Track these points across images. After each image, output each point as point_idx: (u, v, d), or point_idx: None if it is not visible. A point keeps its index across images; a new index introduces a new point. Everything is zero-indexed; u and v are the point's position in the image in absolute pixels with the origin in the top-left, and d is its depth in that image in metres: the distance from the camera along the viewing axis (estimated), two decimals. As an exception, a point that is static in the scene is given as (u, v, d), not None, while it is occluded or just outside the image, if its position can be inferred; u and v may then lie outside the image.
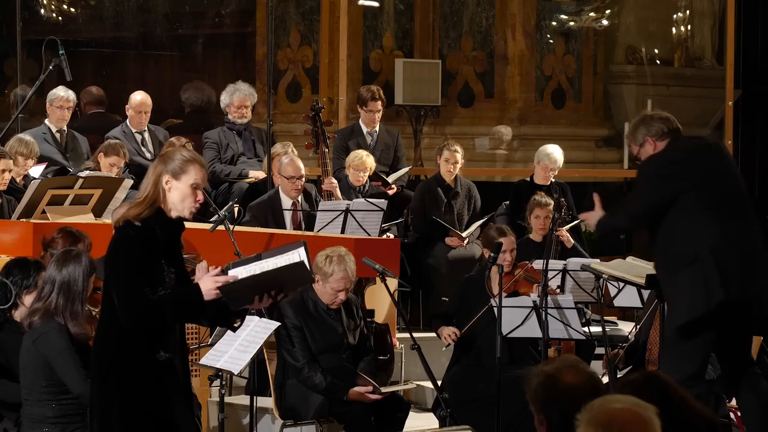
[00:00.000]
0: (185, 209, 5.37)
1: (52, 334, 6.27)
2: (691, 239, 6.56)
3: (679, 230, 6.60)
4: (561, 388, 3.95)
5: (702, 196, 6.61)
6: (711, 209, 6.60)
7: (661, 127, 6.80)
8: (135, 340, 5.27)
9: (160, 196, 5.35)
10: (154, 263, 5.27)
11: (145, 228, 5.28)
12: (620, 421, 3.58)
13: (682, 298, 6.60)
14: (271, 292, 5.34)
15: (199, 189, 5.38)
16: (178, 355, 5.39)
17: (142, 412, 5.28)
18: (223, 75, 12.27)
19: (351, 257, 7.55)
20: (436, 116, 12.87)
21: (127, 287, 5.22)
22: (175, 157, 5.39)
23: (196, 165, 5.38)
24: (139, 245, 5.25)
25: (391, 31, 12.96)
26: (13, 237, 8.54)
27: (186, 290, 5.32)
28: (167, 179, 5.34)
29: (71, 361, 6.24)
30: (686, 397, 4.04)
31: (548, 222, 9.63)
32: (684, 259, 6.58)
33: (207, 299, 5.24)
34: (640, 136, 6.83)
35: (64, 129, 10.45)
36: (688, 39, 14.26)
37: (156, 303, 5.22)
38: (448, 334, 8.03)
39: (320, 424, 7.52)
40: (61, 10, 12.40)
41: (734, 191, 6.75)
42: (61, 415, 6.28)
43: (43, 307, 6.32)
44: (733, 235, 6.60)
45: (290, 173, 9.44)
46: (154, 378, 5.28)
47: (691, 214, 6.59)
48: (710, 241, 6.55)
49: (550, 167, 10.65)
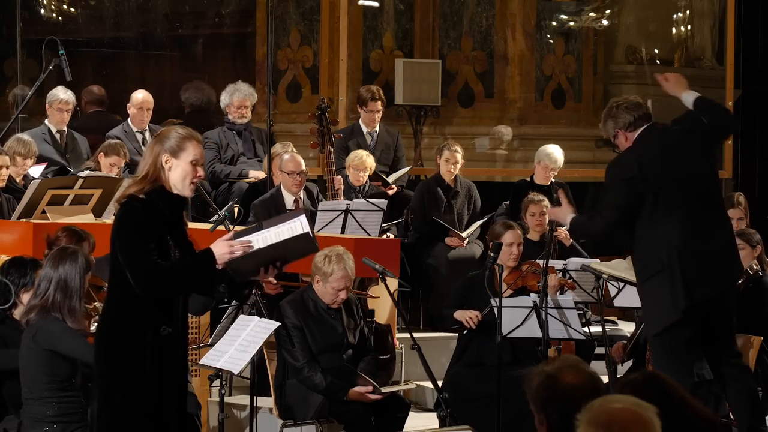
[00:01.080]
0: (186, 187, 5.38)
1: (49, 323, 6.29)
2: (656, 245, 6.59)
3: (647, 236, 6.63)
4: (561, 388, 3.95)
5: (665, 197, 6.62)
6: (675, 209, 6.62)
7: (629, 117, 6.80)
8: (141, 314, 5.29)
9: (161, 175, 5.35)
10: (159, 237, 5.29)
11: (149, 201, 5.30)
12: (620, 421, 3.58)
13: (653, 307, 6.65)
14: (276, 263, 5.38)
15: (199, 165, 5.39)
16: (178, 331, 5.41)
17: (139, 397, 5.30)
18: (223, 75, 12.26)
19: (350, 256, 7.55)
20: (436, 116, 12.87)
21: (139, 256, 5.23)
22: (171, 135, 5.39)
23: (193, 141, 5.39)
24: (146, 217, 5.26)
25: (391, 31, 12.96)
26: (13, 237, 8.54)
27: (198, 254, 5.34)
28: (166, 158, 5.35)
29: (74, 336, 6.27)
30: (686, 396, 4.04)
31: (544, 219, 9.65)
32: (653, 267, 6.62)
33: (220, 263, 5.26)
34: (611, 130, 6.84)
35: (64, 129, 10.45)
36: (688, 39, 14.26)
37: (170, 269, 5.24)
38: (470, 317, 7.88)
39: (320, 424, 7.52)
40: (61, 10, 12.40)
41: (700, 186, 6.73)
42: (62, 414, 6.29)
43: (39, 303, 6.34)
44: (697, 234, 6.60)
45: (291, 168, 9.47)
46: (155, 353, 5.30)
47: (656, 218, 6.62)
48: (674, 243, 6.56)
49: (551, 167, 10.66)
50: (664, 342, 6.65)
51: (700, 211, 6.67)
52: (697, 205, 6.67)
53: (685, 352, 6.64)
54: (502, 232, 8.10)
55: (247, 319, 7.08)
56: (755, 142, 13.82)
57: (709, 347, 6.78)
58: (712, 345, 6.78)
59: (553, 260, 8.58)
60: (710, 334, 6.74)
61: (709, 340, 6.75)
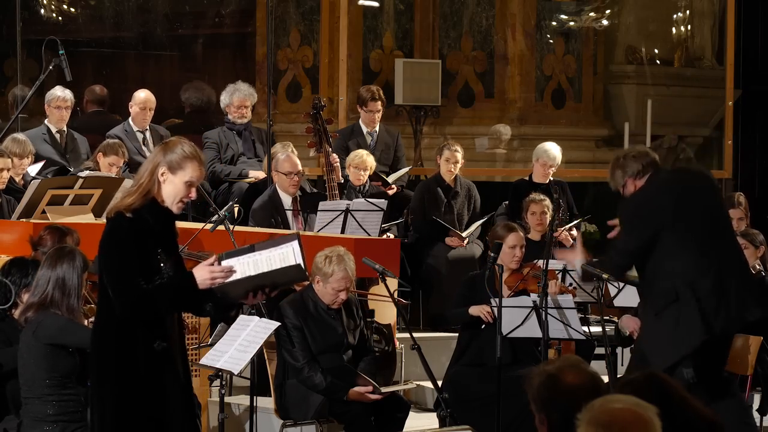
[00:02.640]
0: (173, 204, 5.35)
1: (49, 318, 6.29)
2: (671, 275, 6.62)
3: (660, 269, 6.66)
4: (563, 387, 3.95)
5: (679, 232, 6.65)
6: (691, 243, 6.64)
7: (636, 166, 6.85)
8: (132, 330, 5.25)
9: (155, 187, 5.32)
10: (148, 253, 5.26)
11: (137, 219, 5.26)
12: (620, 421, 3.58)
13: (663, 338, 6.64)
14: (264, 289, 5.35)
15: (193, 186, 5.36)
16: (176, 345, 5.38)
17: (137, 405, 5.27)
18: (223, 75, 12.26)
19: (350, 256, 7.55)
20: (436, 116, 12.87)
21: (121, 278, 5.22)
22: (176, 150, 5.35)
23: (194, 162, 5.34)
24: (131, 236, 5.23)
25: (391, 31, 12.96)
26: (13, 237, 8.54)
27: (180, 278, 5.31)
28: (163, 171, 5.32)
29: (77, 325, 6.28)
30: (687, 397, 4.03)
31: (545, 218, 9.65)
32: (666, 298, 6.64)
33: (201, 288, 5.24)
34: (620, 179, 6.89)
35: (64, 129, 10.45)
36: (688, 39, 14.26)
37: (150, 292, 5.21)
38: (487, 311, 7.82)
39: (320, 424, 7.52)
40: (61, 10, 12.40)
41: (711, 221, 6.78)
42: (62, 413, 6.29)
43: (37, 301, 6.34)
44: (714, 271, 6.63)
45: (288, 169, 9.47)
46: (151, 368, 5.27)
47: (670, 251, 6.65)
48: (690, 277, 6.58)
49: (549, 164, 10.65)
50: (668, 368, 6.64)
51: (710, 246, 6.69)
52: (707, 242, 6.69)
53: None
54: (505, 235, 8.09)
55: (247, 319, 7.08)
56: (755, 142, 13.82)
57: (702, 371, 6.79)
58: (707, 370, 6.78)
59: (553, 260, 8.58)
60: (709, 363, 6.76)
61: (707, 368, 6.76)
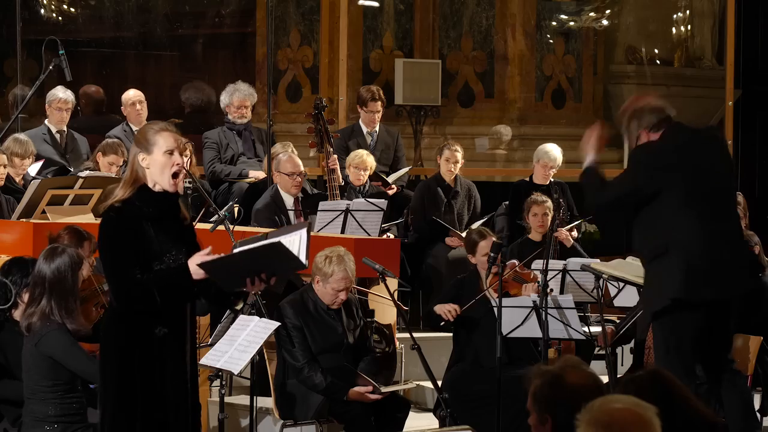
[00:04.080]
0: (166, 179, 5.34)
1: (53, 334, 6.28)
2: (665, 231, 6.57)
3: (657, 221, 6.60)
4: (567, 387, 3.95)
5: (686, 193, 6.60)
6: (691, 207, 6.59)
7: (652, 119, 6.77)
8: (133, 316, 5.30)
9: (140, 176, 5.34)
10: (145, 239, 5.28)
11: (126, 207, 5.29)
12: (620, 421, 3.58)
13: (655, 288, 6.63)
14: (261, 275, 5.30)
15: (174, 153, 5.34)
16: (180, 331, 5.39)
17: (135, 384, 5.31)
18: (223, 75, 12.27)
19: (350, 257, 7.55)
20: (436, 116, 12.87)
21: (114, 270, 5.28)
22: (144, 133, 5.39)
23: (164, 132, 5.36)
24: (122, 226, 5.26)
25: (391, 31, 12.97)
26: (13, 237, 8.54)
27: (173, 269, 5.32)
28: (142, 157, 5.34)
29: (80, 353, 6.29)
30: (690, 397, 4.03)
31: (546, 219, 9.64)
32: (656, 249, 6.60)
33: (195, 278, 5.24)
34: (634, 130, 6.81)
35: (64, 129, 10.45)
36: (688, 39, 14.26)
37: (143, 283, 5.23)
38: (448, 310, 7.83)
39: (320, 424, 7.52)
40: (61, 10, 12.40)
41: (719, 191, 6.73)
42: (63, 414, 6.29)
43: (38, 310, 6.34)
44: (708, 238, 6.59)
45: (290, 169, 9.47)
46: (149, 352, 5.30)
47: (671, 209, 6.59)
48: (684, 237, 6.54)
49: (550, 165, 10.65)
50: (668, 340, 6.62)
51: (714, 215, 6.65)
52: (713, 209, 6.65)
53: (690, 351, 6.62)
54: (478, 241, 8.11)
55: (247, 319, 7.08)
56: (755, 142, 13.82)
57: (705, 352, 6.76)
58: (709, 349, 6.76)
59: (553, 260, 8.59)
60: (708, 339, 6.72)
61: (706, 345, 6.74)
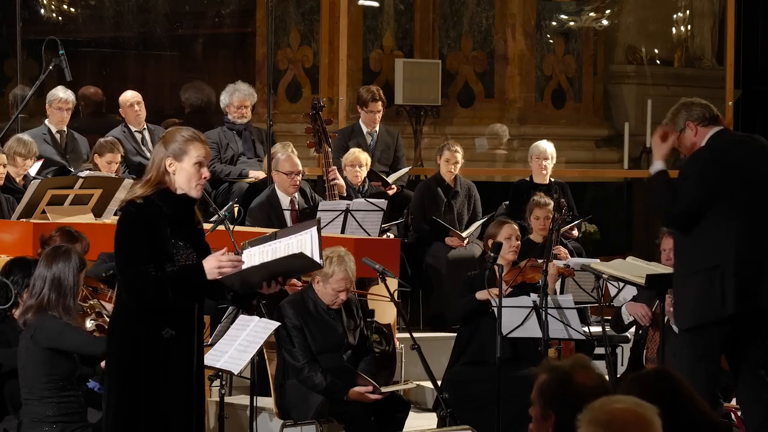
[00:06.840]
0: (192, 188, 5.38)
1: (47, 323, 6.31)
2: (712, 243, 6.47)
3: (706, 232, 6.47)
4: (575, 386, 3.94)
5: (734, 202, 6.48)
6: (736, 216, 6.47)
7: (703, 111, 6.62)
8: (142, 316, 5.30)
9: (165, 178, 5.36)
10: (162, 239, 5.29)
11: (148, 204, 5.31)
12: (620, 421, 3.58)
13: (694, 301, 6.52)
14: (278, 278, 5.39)
15: (203, 166, 5.39)
16: (187, 333, 5.39)
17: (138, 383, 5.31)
18: (223, 75, 12.27)
19: (351, 257, 7.55)
20: (436, 116, 12.87)
21: (128, 264, 5.28)
22: (175, 138, 5.40)
23: (196, 143, 5.38)
24: (142, 222, 5.28)
25: (391, 31, 12.97)
26: (13, 237, 8.55)
27: (188, 268, 5.33)
28: (170, 162, 5.36)
29: (74, 330, 6.30)
30: (696, 398, 4.02)
31: (548, 222, 9.63)
32: (705, 262, 6.48)
33: (210, 278, 5.26)
34: (681, 121, 6.62)
35: (64, 129, 10.45)
36: (688, 39, 14.27)
37: (157, 281, 5.24)
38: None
39: (320, 424, 7.52)
40: (61, 10, 12.40)
41: (763, 199, 6.60)
42: (62, 414, 6.29)
43: (35, 303, 6.35)
44: (756, 247, 6.53)
45: (288, 169, 9.47)
46: (154, 354, 5.31)
47: (716, 219, 6.45)
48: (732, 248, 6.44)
49: (543, 156, 10.65)
50: (696, 344, 6.55)
51: (760, 224, 6.58)
52: (758, 218, 6.57)
53: (716, 358, 6.55)
54: (498, 230, 8.09)
55: (247, 319, 7.08)
56: (755, 142, 13.80)
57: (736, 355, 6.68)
58: (739, 354, 6.67)
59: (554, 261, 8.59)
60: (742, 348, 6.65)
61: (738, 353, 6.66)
